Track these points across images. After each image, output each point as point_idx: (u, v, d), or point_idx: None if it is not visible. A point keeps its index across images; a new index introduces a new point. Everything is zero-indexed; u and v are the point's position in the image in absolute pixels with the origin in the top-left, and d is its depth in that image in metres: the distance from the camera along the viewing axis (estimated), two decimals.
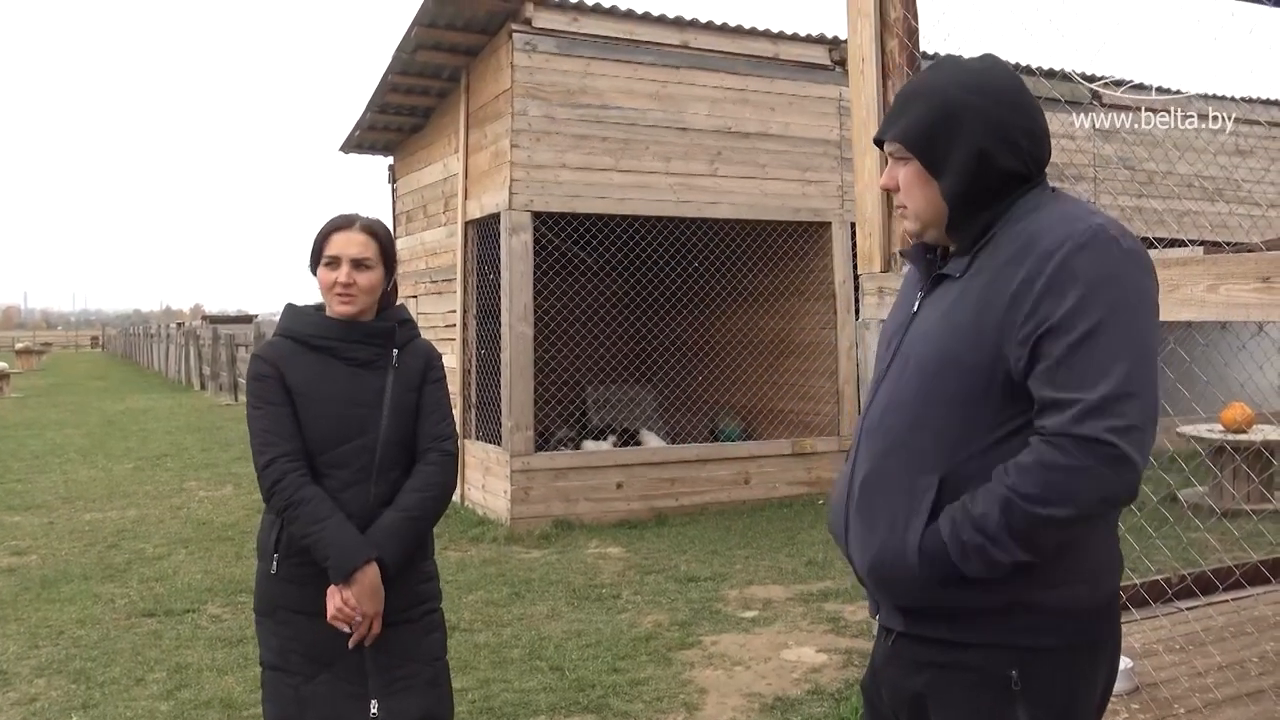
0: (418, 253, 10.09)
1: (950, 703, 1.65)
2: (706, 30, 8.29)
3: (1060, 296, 1.49)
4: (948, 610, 1.63)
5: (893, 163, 1.73)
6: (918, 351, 1.67)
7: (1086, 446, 1.46)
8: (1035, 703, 1.59)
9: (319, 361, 2.43)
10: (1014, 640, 1.59)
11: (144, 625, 5.29)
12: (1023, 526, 1.50)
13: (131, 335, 48.52)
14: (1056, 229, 1.55)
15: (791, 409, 9.60)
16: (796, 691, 4.21)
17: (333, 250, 2.43)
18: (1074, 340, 1.48)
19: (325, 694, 2.36)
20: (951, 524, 1.56)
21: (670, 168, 8.13)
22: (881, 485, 1.67)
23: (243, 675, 4.47)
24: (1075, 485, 1.47)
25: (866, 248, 3.74)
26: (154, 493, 9.53)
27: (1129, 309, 1.50)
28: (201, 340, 25.76)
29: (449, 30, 7.94)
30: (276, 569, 2.40)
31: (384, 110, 9.69)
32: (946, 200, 1.65)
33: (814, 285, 9.13)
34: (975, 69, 1.68)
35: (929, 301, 1.71)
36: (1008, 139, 1.62)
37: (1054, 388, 1.49)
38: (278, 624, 2.42)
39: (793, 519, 7.88)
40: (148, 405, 19.97)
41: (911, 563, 1.60)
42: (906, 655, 1.71)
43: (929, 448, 1.62)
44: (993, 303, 1.56)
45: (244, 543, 7.24)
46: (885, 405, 1.71)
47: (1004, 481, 1.52)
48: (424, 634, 2.49)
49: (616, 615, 5.35)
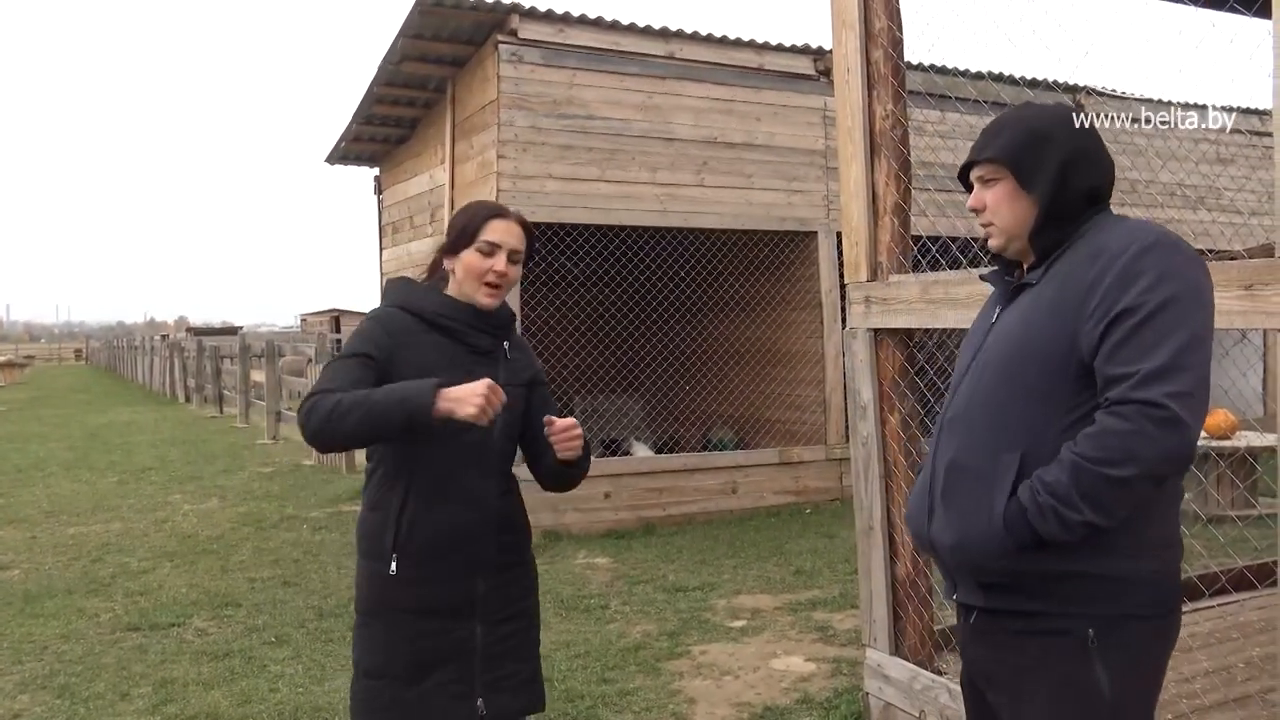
0: (405, 264, 10.07)
1: (1031, 667, 1.83)
2: (692, 41, 8.32)
3: (1127, 288, 1.72)
4: (1026, 582, 1.81)
5: (980, 186, 1.98)
6: (999, 350, 1.89)
7: (1144, 410, 1.65)
8: (1110, 663, 1.77)
9: (441, 343, 2.33)
10: (1088, 608, 1.77)
11: (129, 640, 5.24)
12: (1091, 488, 1.69)
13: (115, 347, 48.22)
14: (1124, 236, 1.79)
15: (778, 418, 9.61)
16: (785, 701, 4.21)
17: (493, 236, 2.34)
18: (1136, 323, 1.69)
19: (432, 695, 2.31)
20: (1030, 492, 1.75)
21: (657, 178, 8.14)
22: (966, 468, 1.87)
23: (229, 689, 4.44)
24: (1134, 446, 1.66)
25: (853, 256, 3.75)
26: (138, 506, 9.46)
27: (1186, 299, 1.71)
28: (186, 352, 25.61)
29: (435, 41, 7.94)
30: (396, 569, 2.30)
31: (370, 121, 9.68)
32: (1039, 208, 1.88)
33: (800, 294, 9.15)
34: (1057, 107, 2.02)
35: (1008, 310, 1.95)
36: (1086, 158, 1.90)
37: (1117, 364, 1.70)
38: (388, 626, 2.33)
39: (780, 528, 7.88)
40: (131, 418, 19.84)
41: (997, 531, 1.78)
42: (988, 630, 1.90)
43: (1009, 431, 1.83)
44: (1067, 300, 1.79)
45: (229, 556, 7.20)
46: (967, 399, 1.93)
47: (1072, 450, 1.72)
48: (525, 630, 2.46)
49: (605, 625, 5.34)
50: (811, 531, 7.71)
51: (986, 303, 2.10)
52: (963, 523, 1.85)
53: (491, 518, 2.36)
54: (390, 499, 2.33)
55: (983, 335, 1.98)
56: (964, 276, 3.29)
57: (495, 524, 2.38)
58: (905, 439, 3.62)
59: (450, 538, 2.31)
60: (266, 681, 4.54)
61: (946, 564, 1.94)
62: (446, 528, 2.31)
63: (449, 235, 2.41)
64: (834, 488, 8.66)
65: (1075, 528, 1.71)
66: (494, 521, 2.37)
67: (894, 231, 3.63)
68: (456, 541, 2.32)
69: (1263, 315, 2.35)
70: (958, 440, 1.91)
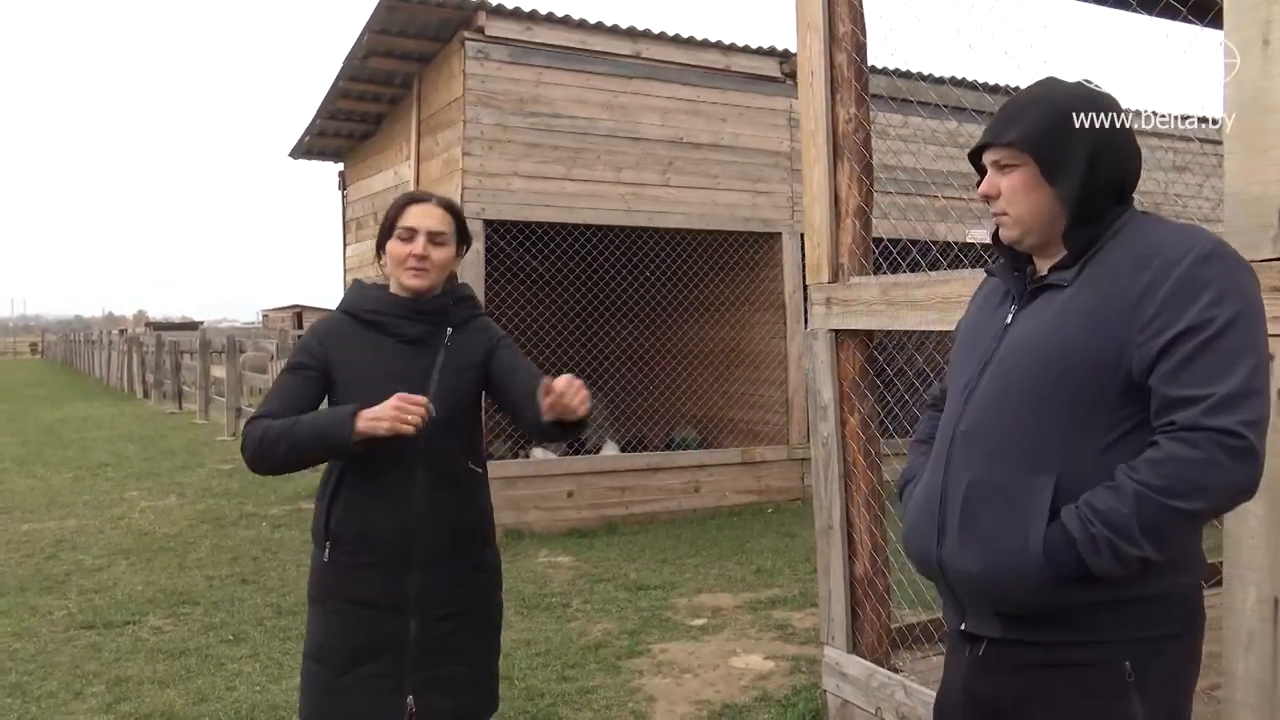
0: (368, 260, 10.00)
1: (1061, 702, 1.67)
2: (659, 41, 8.34)
3: (1191, 300, 1.57)
4: (1052, 610, 1.65)
5: (994, 171, 1.80)
6: (1026, 356, 1.71)
7: (1217, 439, 1.52)
8: (1148, 693, 1.63)
9: (369, 337, 2.38)
10: (1125, 634, 1.63)
11: (83, 638, 5.18)
12: (1154, 520, 1.54)
13: (72, 341, 47.48)
14: (1177, 241, 1.63)
15: (741, 418, 9.65)
16: (744, 699, 4.24)
17: (409, 222, 2.38)
18: (1203, 340, 1.55)
19: (362, 687, 2.32)
20: (1080, 521, 1.59)
21: (622, 177, 8.16)
22: (992, 489, 1.69)
23: (185, 688, 4.39)
24: (1206, 477, 1.52)
25: (815, 258, 3.78)
26: (94, 503, 9.33)
27: (1252, 315, 1.59)
28: (145, 347, 25.27)
29: (401, 37, 7.91)
30: (329, 556, 2.35)
31: (334, 116, 9.62)
32: (1066, 203, 1.72)
33: (764, 295, 9.20)
34: (1086, 86, 1.79)
35: (1028, 311, 1.76)
36: (1114, 149, 1.72)
37: (1182, 385, 1.55)
38: (327, 613, 2.37)
39: (742, 527, 7.92)
40: (88, 413, 19.56)
41: (1035, 564, 1.62)
42: (1003, 662, 1.73)
43: (1042, 450, 1.66)
44: (1113, 308, 1.63)
45: (187, 553, 7.13)
46: (984, 411, 1.74)
47: (1133, 477, 1.56)
48: (476, 634, 2.44)
49: (566, 624, 5.34)
50: (773, 531, 7.76)
51: (984, 298, 1.94)
52: (990, 551, 1.67)
53: (418, 515, 2.35)
54: (325, 490, 2.41)
55: (994, 338, 1.79)
56: (924, 279, 3.33)
57: (425, 521, 2.36)
58: (865, 439, 3.66)
59: (373, 533, 2.34)
60: (223, 680, 4.50)
61: (959, 591, 1.76)
62: (368, 523, 2.34)
63: (378, 234, 2.47)
64: (796, 487, 8.72)
65: (1131, 564, 1.56)
66: (423, 519, 2.35)
67: (855, 234, 3.66)
68: (380, 536, 2.34)
69: None
70: (978, 457, 1.72)
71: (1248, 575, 2.34)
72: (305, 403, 2.34)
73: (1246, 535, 2.33)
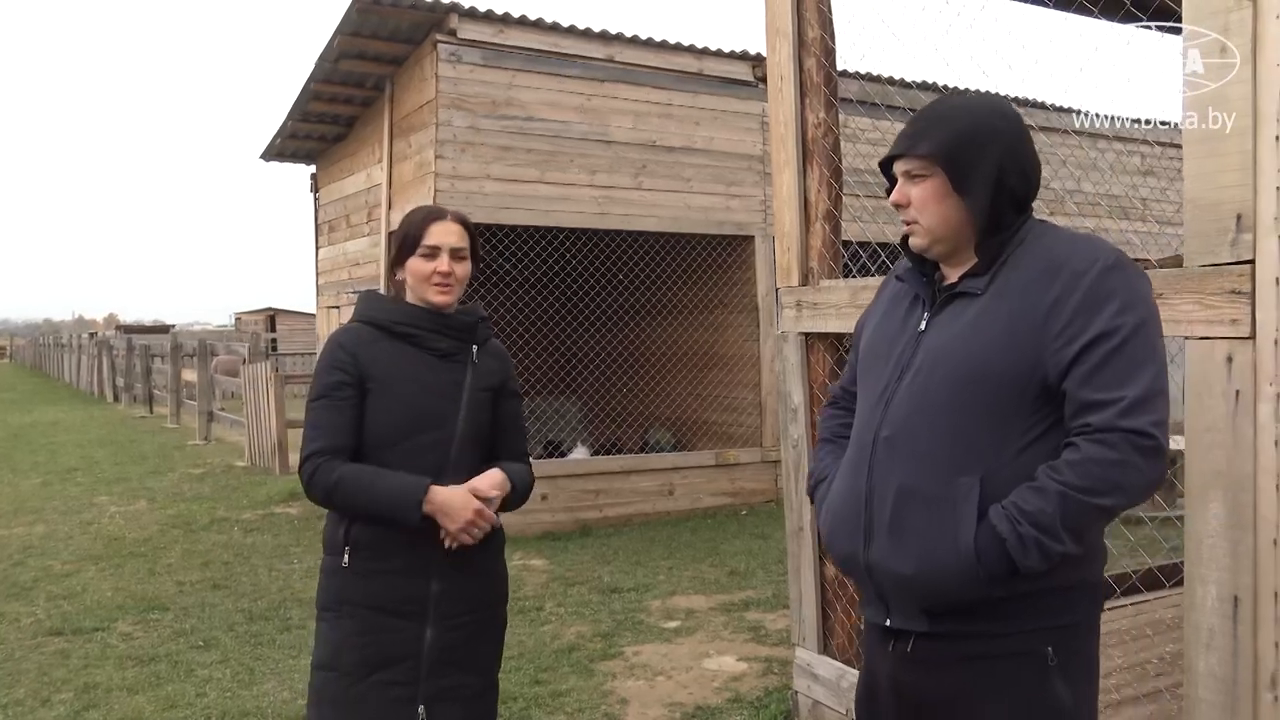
0: (340, 263, 9.97)
1: (990, 691, 1.77)
2: (632, 45, 8.35)
3: (1099, 309, 1.68)
4: (978, 604, 1.74)
5: (904, 180, 1.87)
6: (945, 364, 1.78)
7: (1130, 439, 1.64)
8: (1068, 674, 1.76)
9: (399, 349, 2.39)
10: (1045, 621, 1.75)
11: (51, 644, 5.12)
12: (1076, 518, 1.66)
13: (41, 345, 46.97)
14: (1082, 253, 1.74)
15: (715, 420, 9.68)
16: (717, 700, 4.25)
17: (433, 240, 2.40)
18: (1112, 348, 1.66)
19: (376, 695, 2.31)
20: (1008, 522, 1.68)
21: (595, 180, 8.16)
22: (919, 493, 1.77)
23: (154, 694, 4.36)
24: (1122, 476, 1.65)
25: (785, 261, 3.80)
26: (63, 508, 9.23)
27: (1152, 322, 1.72)
28: (115, 351, 25.03)
29: (373, 39, 7.89)
30: (349, 562, 2.34)
31: (306, 118, 9.57)
32: (974, 214, 1.80)
33: (737, 298, 9.23)
34: (994, 100, 1.91)
35: (942, 318, 1.84)
36: (1018, 163, 1.82)
37: (1095, 389, 1.66)
38: (342, 619, 2.35)
39: (716, 529, 7.94)
40: (57, 417, 19.34)
41: (966, 563, 1.71)
42: (931, 656, 1.82)
43: (965, 452, 1.75)
44: (1026, 316, 1.72)
45: (157, 559, 7.07)
46: (908, 416, 1.81)
47: (1055, 478, 1.67)
48: (482, 640, 2.46)
49: (539, 627, 5.34)
50: (747, 532, 7.78)
51: (890, 302, 2.00)
52: (923, 553, 1.74)
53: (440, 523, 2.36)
54: None
55: (909, 345, 1.86)
56: None
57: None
58: None
59: (404, 537, 2.33)
60: (193, 686, 4.47)
61: (886, 590, 1.83)
62: (390, 530, 2.32)
63: (394, 247, 2.47)
64: (769, 489, 8.75)
65: (1055, 558, 1.67)
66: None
67: (825, 237, 3.69)
68: (411, 541, 2.33)
69: (1171, 323, 2.43)
70: (904, 462, 1.79)
71: (1208, 574, 2.38)
72: (356, 426, 2.35)
73: (1207, 535, 2.37)
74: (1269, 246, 2.25)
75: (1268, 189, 2.25)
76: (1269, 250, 2.25)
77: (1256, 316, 2.26)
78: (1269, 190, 2.25)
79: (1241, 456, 2.29)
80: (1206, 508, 2.37)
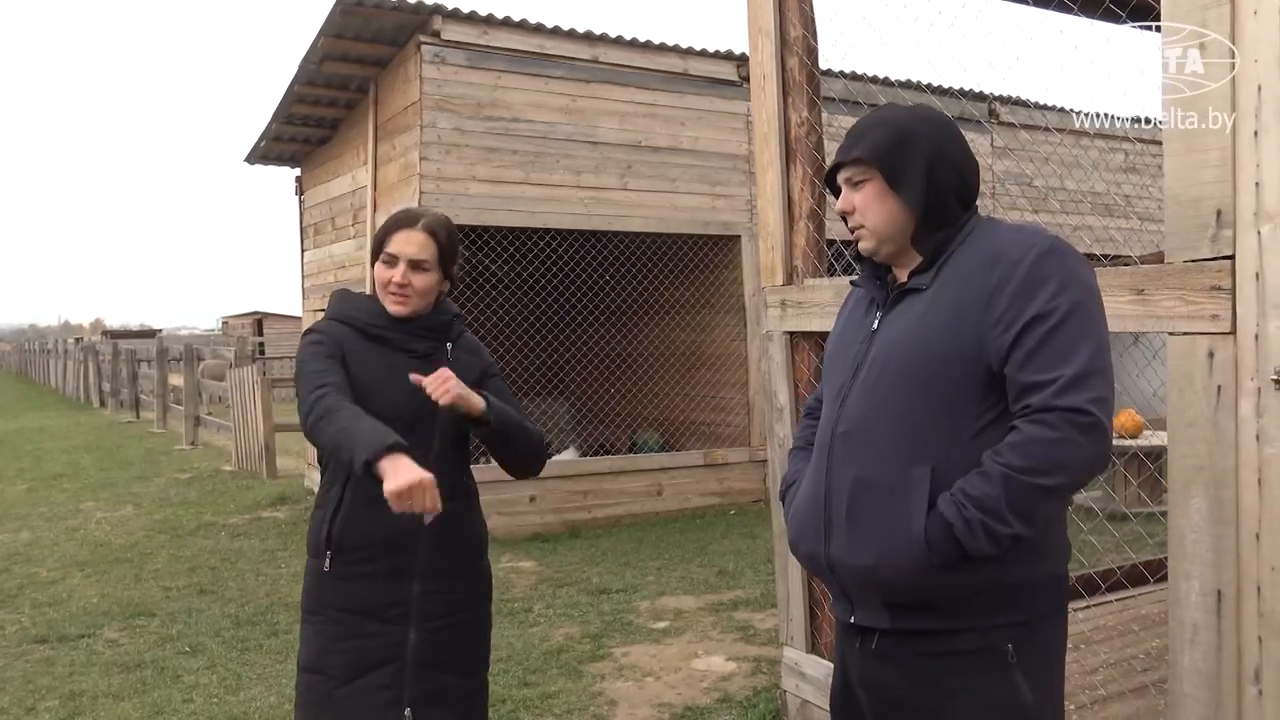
0: (326, 266, 9.94)
1: (953, 688, 1.78)
2: (617, 45, 8.35)
3: (1033, 293, 1.71)
4: (938, 600, 1.77)
5: (848, 189, 1.92)
6: (896, 358, 1.82)
7: (1068, 417, 1.65)
8: (1029, 670, 1.77)
9: (378, 352, 2.37)
10: (1004, 618, 1.76)
11: (36, 652, 5.09)
12: (1021, 499, 1.67)
13: (26, 351, 46.67)
14: (1018, 242, 1.78)
15: (703, 420, 9.68)
16: (706, 700, 4.25)
17: (392, 248, 2.38)
18: (1048, 329, 1.69)
19: (362, 699, 2.30)
20: (955, 507, 1.70)
21: (581, 181, 8.16)
22: (873, 484, 1.80)
23: (140, 701, 4.34)
24: (1063, 454, 1.66)
25: (769, 261, 3.81)
26: (48, 514, 9.17)
27: (1090, 303, 1.74)
28: (101, 356, 24.91)
29: (356, 41, 7.86)
30: (330, 566, 2.32)
31: (290, 121, 9.53)
32: (912, 208, 1.85)
33: (724, 297, 9.23)
34: (918, 107, 1.97)
35: (892, 316, 1.88)
36: (947, 159, 1.87)
37: (1033, 370, 1.69)
38: (325, 623, 2.34)
39: (705, 530, 7.94)
40: (43, 423, 19.23)
41: (918, 551, 1.72)
42: (895, 652, 1.84)
43: (917, 443, 1.77)
44: (968, 306, 1.76)
45: (143, 564, 7.03)
46: (862, 411, 1.85)
47: (997, 461, 1.69)
48: (466, 641, 2.45)
49: (528, 629, 5.33)
50: (735, 532, 7.78)
51: (851, 309, 2.05)
52: (877, 543, 1.77)
53: (422, 524, 2.32)
54: (329, 497, 2.37)
55: (863, 344, 1.91)
56: None
57: (429, 530, 2.32)
58: None
59: (381, 540, 2.32)
60: (180, 692, 4.45)
61: (848, 585, 1.86)
62: (378, 530, 2.31)
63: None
64: (758, 489, 8.75)
65: (1003, 541, 1.68)
66: (428, 528, 2.32)
67: (809, 236, 3.69)
68: (387, 544, 2.32)
69: (1153, 319, 2.44)
70: (858, 455, 1.82)
71: (1191, 569, 2.38)
72: (348, 385, 2.29)
73: (1190, 530, 2.38)
74: (1249, 242, 2.26)
75: (1247, 185, 2.26)
76: (1249, 246, 2.26)
77: (1237, 311, 2.27)
78: (1248, 186, 2.26)
79: (1223, 451, 2.30)
80: (1189, 503, 2.38)
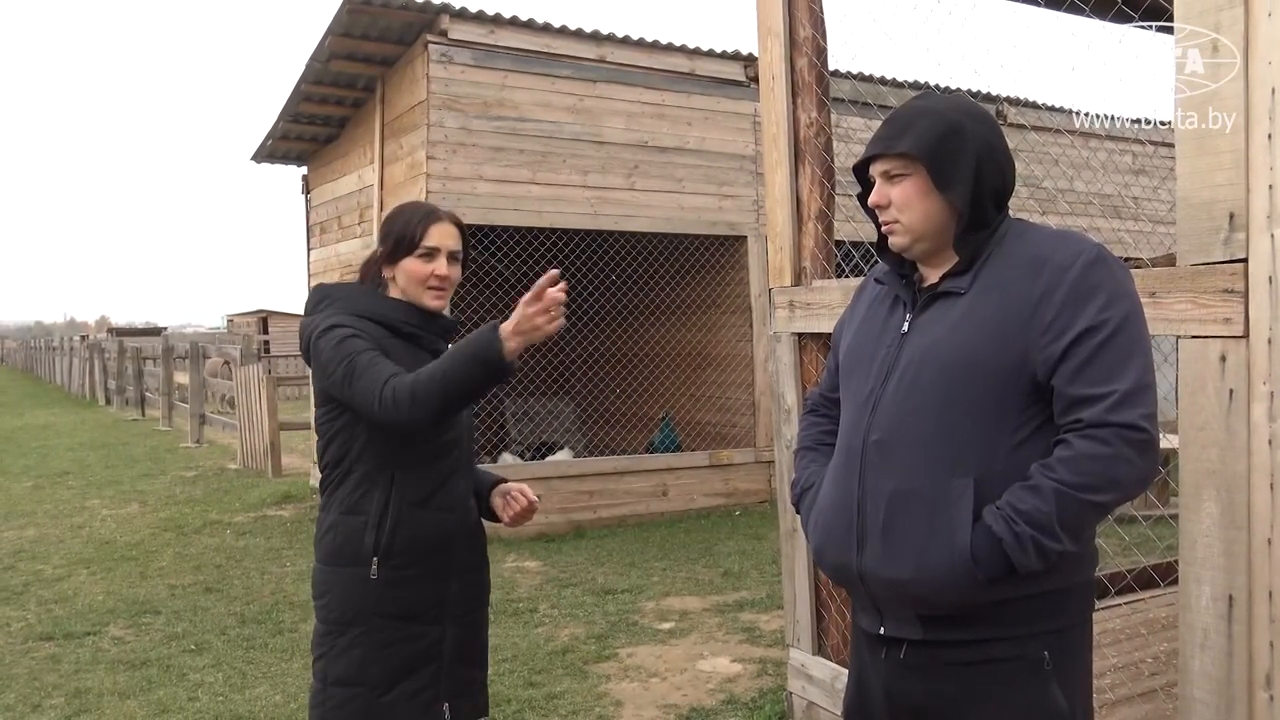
0: (332, 265, 9.93)
1: (986, 697, 1.74)
2: (624, 45, 8.34)
3: (1085, 304, 1.67)
4: (973, 610, 1.72)
5: (883, 181, 1.84)
6: (932, 366, 1.76)
7: (1122, 434, 1.62)
8: (1064, 678, 1.74)
9: (407, 350, 2.32)
10: (1041, 625, 1.73)
11: (42, 649, 5.10)
12: (1072, 515, 1.64)
13: (32, 348, 46.76)
14: (1064, 248, 1.73)
15: (709, 421, 9.67)
16: (711, 702, 4.24)
17: (433, 241, 2.33)
18: (1099, 342, 1.65)
19: (406, 704, 2.30)
20: (1004, 522, 1.66)
21: (588, 181, 8.15)
22: (913, 496, 1.74)
23: (146, 699, 4.34)
24: (1117, 471, 1.63)
25: (777, 261, 3.80)
26: (54, 511, 9.19)
27: (1137, 315, 1.71)
28: (107, 353, 24.95)
29: (364, 40, 7.86)
30: (377, 573, 2.27)
31: (297, 120, 9.53)
32: (959, 209, 1.77)
33: (730, 298, 9.22)
34: (965, 100, 1.88)
35: (925, 319, 1.81)
36: (994, 159, 1.81)
37: (1084, 384, 1.65)
38: (365, 633, 2.28)
39: (710, 530, 7.93)
40: (49, 421, 19.26)
41: (963, 566, 1.68)
42: (926, 663, 1.79)
43: (958, 454, 1.72)
44: (1013, 313, 1.71)
45: (149, 562, 7.04)
46: (898, 419, 1.78)
47: (1050, 476, 1.65)
48: (483, 633, 2.51)
49: (533, 629, 5.33)
50: (741, 533, 7.77)
51: (870, 305, 1.98)
52: (917, 556, 1.71)
53: (459, 522, 2.38)
54: (369, 503, 2.29)
55: (892, 347, 1.84)
56: None
57: (463, 527, 2.40)
58: None
59: (433, 541, 2.32)
60: (185, 690, 4.45)
61: (879, 597, 1.80)
62: (431, 531, 2.32)
63: (386, 244, 2.38)
64: (763, 490, 8.74)
65: (1053, 557, 1.65)
66: (463, 525, 2.40)
67: (817, 237, 3.68)
68: (438, 544, 2.33)
69: (1165, 322, 2.42)
70: (897, 466, 1.76)
71: (1202, 573, 2.37)
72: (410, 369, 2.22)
73: (1201, 534, 2.37)
74: (1262, 245, 2.24)
75: (1260, 187, 2.24)
76: (1262, 249, 2.24)
77: (1250, 315, 2.26)
78: (1261, 189, 2.24)
79: (1235, 456, 2.29)
80: (1200, 507, 2.37)
